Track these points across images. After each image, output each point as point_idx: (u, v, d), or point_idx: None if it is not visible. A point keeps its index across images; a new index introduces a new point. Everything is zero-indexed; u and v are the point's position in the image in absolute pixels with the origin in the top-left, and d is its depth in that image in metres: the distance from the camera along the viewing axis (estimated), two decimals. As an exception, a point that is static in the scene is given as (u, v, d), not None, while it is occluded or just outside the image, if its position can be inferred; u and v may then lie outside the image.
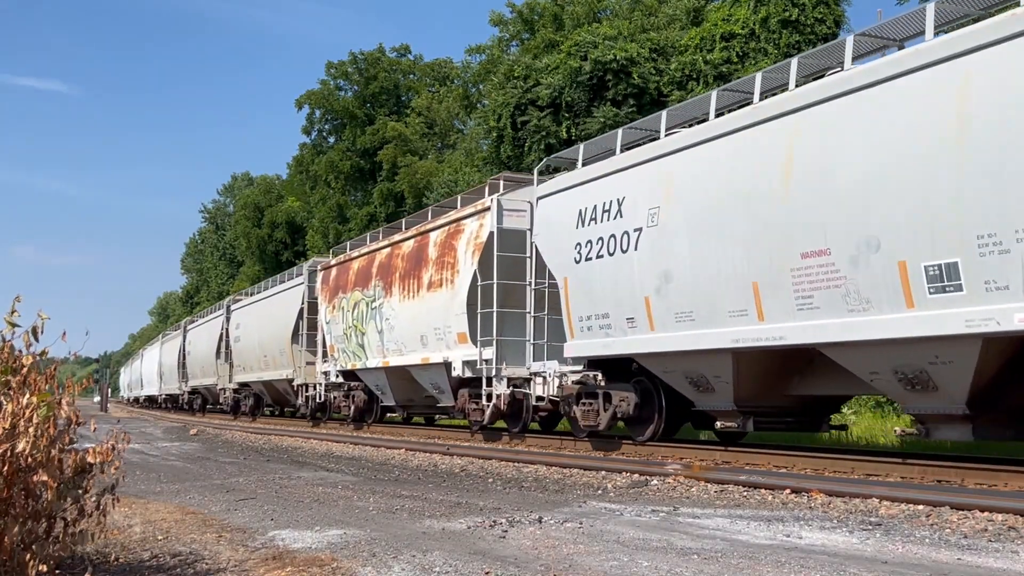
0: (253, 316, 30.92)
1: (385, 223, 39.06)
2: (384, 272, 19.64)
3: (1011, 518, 6.64)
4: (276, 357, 27.41)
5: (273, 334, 27.74)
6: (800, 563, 5.17)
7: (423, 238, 18.19)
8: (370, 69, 54.53)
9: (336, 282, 22.64)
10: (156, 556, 5.92)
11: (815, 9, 25.10)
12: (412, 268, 18.25)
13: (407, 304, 18.32)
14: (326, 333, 23.03)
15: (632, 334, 12.13)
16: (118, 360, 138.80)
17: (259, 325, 29.63)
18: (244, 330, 31.70)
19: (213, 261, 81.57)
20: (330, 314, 22.66)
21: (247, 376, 31.46)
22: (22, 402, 4.31)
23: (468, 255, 16.19)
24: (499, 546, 5.87)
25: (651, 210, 11.69)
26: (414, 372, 18.56)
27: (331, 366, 22.67)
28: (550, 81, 27.80)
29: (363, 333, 20.47)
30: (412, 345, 18.17)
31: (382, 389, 20.55)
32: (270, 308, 28.99)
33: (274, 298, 28.77)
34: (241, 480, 11.08)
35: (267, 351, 28.40)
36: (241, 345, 31.88)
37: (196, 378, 40.59)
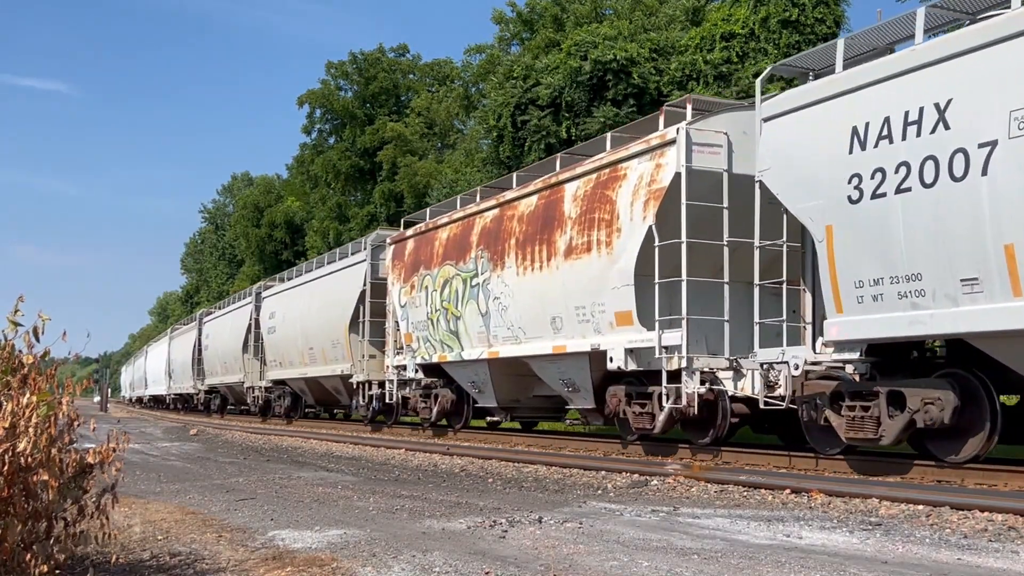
0: (295, 303, 26.50)
1: (386, 223, 39.08)
2: (490, 240, 15.73)
3: (1011, 518, 6.64)
4: (327, 350, 23.51)
5: (325, 323, 23.60)
6: (800, 563, 5.17)
7: (553, 193, 14.20)
8: (370, 69, 54.50)
9: (415, 256, 18.76)
10: (156, 556, 5.92)
11: (815, 9, 25.07)
12: (537, 232, 14.36)
13: (528, 278, 14.50)
14: (399, 319, 19.14)
15: (971, 303, 8.43)
16: (118, 360, 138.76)
17: (304, 313, 25.46)
18: (281, 319, 27.50)
19: (213, 261, 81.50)
20: (406, 296, 18.84)
21: (284, 372, 27.39)
22: (22, 402, 4.32)
23: (637, 207, 12.26)
24: (499, 546, 5.87)
25: (1016, 112, 8.11)
26: (537, 365, 14.85)
27: (408, 359, 18.87)
28: (550, 81, 27.79)
29: (457, 317, 16.72)
30: (536, 330, 14.42)
31: (480, 386, 16.67)
32: (321, 292, 24.57)
33: (326, 279, 24.34)
34: (241, 480, 11.08)
35: (314, 343, 24.37)
36: (277, 337, 27.70)
37: (215, 375, 36.72)
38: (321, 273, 24.96)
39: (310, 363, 24.91)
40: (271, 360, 28.46)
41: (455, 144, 45.05)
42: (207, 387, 38.75)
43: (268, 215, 60.30)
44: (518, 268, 14.87)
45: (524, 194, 15.16)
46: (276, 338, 27.77)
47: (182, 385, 43.97)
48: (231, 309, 35.02)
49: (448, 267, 17.22)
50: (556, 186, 14.23)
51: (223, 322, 35.73)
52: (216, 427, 27.96)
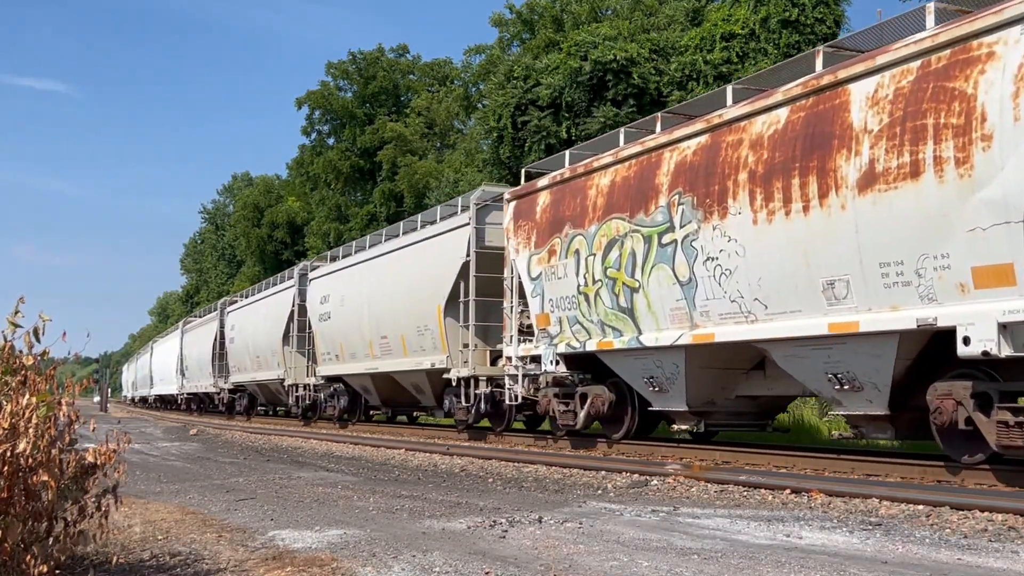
0: (360, 283, 21.82)
1: (386, 223, 39.04)
2: (697, 178, 11.35)
3: (1011, 518, 6.64)
4: (410, 338, 19.02)
5: (408, 305, 18.95)
6: (800, 563, 5.17)
7: (824, 100, 9.90)
8: (369, 69, 54.56)
9: (554, 213, 14.34)
10: (156, 556, 5.92)
11: (815, 9, 25.10)
12: (793, 159, 9.99)
13: (777, 228, 10.14)
14: (529, 296, 14.81)
15: None
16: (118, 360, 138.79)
17: (373, 295, 20.87)
18: (338, 304, 22.77)
19: (213, 261, 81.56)
20: (540, 264, 14.52)
21: (342, 367, 22.96)
22: (22, 402, 4.32)
23: None
24: (499, 546, 5.87)
25: None
26: (781, 352, 10.51)
27: (543, 347, 14.43)
28: (550, 81, 27.81)
29: (633, 289, 12.47)
30: (789, 301, 10.13)
31: (662, 383, 12.41)
32: (401, 268, 19.63)
33: (409, 252, 19.57)
34: (241, 480, 11.09)
35: (389, 330, 19.84)
36: (332, 325, 23.18)
37: (243, 372, 32.12)
38: (400, 244, 20.08)
39: (381, 355, 20.32)
40: (324, 353, 23.85)
41: (455, 144, 45.07)
42: (232, 385, 34.25)
43: (268, 215, 60.35)
44: (755, 214, 10.41)
45: (762, 108, 10.67)
46: (331, 326, 23.10)
47: (199, 383, 39.77)
48: (265, 295, 30.33)
49: (616, 222, 12.84)
50: (830, 89, 9.85)
51: (254, 311, 31.02)
52: (216, 427, 27.94)
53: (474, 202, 17.17)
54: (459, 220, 17.68)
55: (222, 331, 35.25)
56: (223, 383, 35.11)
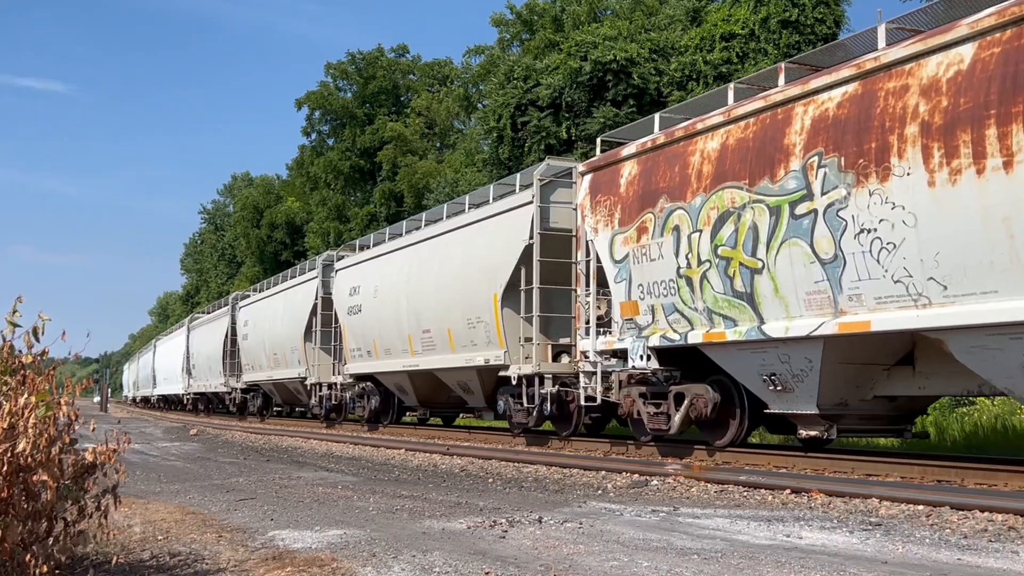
0: (395, 271, 19.68)
1: (386, 223, 39.07)
2: (846, 135, 9.45)
3: (1011, 518, 6.64)
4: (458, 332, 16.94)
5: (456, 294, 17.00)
6: (800, 563, 5.17)
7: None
8: (369, 69, 54.60)
9: (644, 185, 12.30)
10: (156, 556, 5.92)
11: (815, 9, 25.11)
12: (986, 106, 8.13)
13: (963, 190, 8.28)
14: (613, 281, 12.81)
15: None
16: (118, 360, 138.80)
17: (410, 285, 18.75)
18: (371, 295, 20.71)
19: (213, 261, 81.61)
20: (626, 245, 12.54)
21: (374, 365, 20.66)
22: (21, 402, 4.32)
23: None
24: (499, 546, 5.87)
25: None
26: (973, 344, 8.53)
27: (630, 340, 12.42)
28: (550, 82, 27.82)
29: (753, 270, 10.56)
30: (978, 281, 8.25)
31: (786, 381, 10.50)
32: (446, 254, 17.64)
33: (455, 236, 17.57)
34: (241, 480, 11.08)
35: (433, 323, 17.83)
36: (363, 319, 20.96)
37: (258, 370, 30.14)
38: (447, 228, 17.97)
39: (423, 351, 18.45)
40: (353, 349, 21.75)
41: (455, 144, 45.10)
42: (245, 384, 32.21)
43: (268, 215, 60.39)
44: (932, 174, 8.62)
45: (936, 46, 8.71)
46: (362, 320, 21.13)
47: (207, 382, 37.63)
48: (283, 288, 28.24)
49: (731, 192, 10.94)
50: None
51: (271, 306, 29.06)
52: (216, 427, 27.94)
53: (538, 177, 14.96)
54: (521, 198, 15.49)
55: (234, 327, 33.29)
56: (235, 382, 33.15)
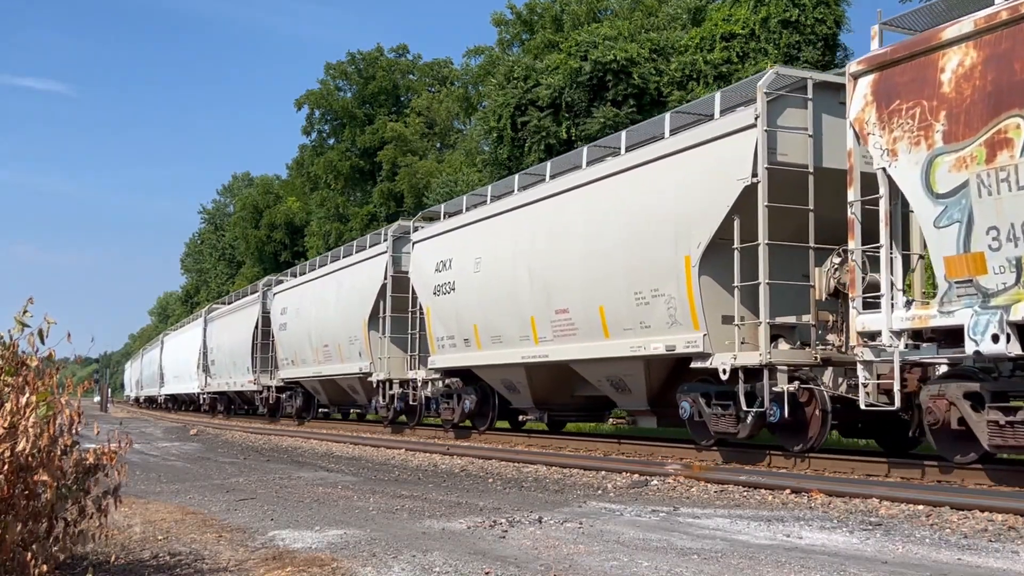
0: (512, 235, 15.58)
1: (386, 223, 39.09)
2: None
3: (1011, 518, 6.64)
4: (619, 314, 12.81)
5: (628, 260, 12.66)
6: (800, 563, 5.17)
7: None
8: (369, 69, 54.62)
9: (988, 81, 8.49)
10: (156, 556, 5.92)
11: (815, 9, 25.10)
12: None
13: None
14: (930, 226, 8.91)
15: None
16: (118, 360, 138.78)
17: (551, 255, 14.35)
18: (472, 267, 16.70)
19: (213, 261, 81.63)
20: (956, 171, 8.68)
21: (472, 356, 16.86)
22: (22, 402, 4.32)
23: None
24: (499, 546, 5.87)
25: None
26: None
27: (959, 311, 8.55)
28: (550, 82, 27.82)
29: None
30: None
31: None
32: (614, 201, 13.11)
33: (619, 181, 13.11)
34: (241, 480, 11.09)
35: (578, 302, 13.66)
36: (459, 302, 17.02)
37: (303, 365, 25.64)
38: (596, 175, 13.54)
39: (555, 338, 14.19)
40: (443, 338, 17.75)
41: (455, 144, 45.12)
42: (281, 382, 28.03)
43: (268, 216, 60.41)
44: None
45: None
46: (456, 302, 17.07)
47: (231, 380, 33.59)
48: (339, 267, 23.82)
49: None
50: None
51: (319, 289, 24.79)
52: (216, 427, 27.93)
53: (764, 90, 10.49)
54: (736, 121, 11.20)
55: (266, 316, 29.16)
56: (268, 379, 29.00)
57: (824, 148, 10.81)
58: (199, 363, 38.67)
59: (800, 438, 10.75)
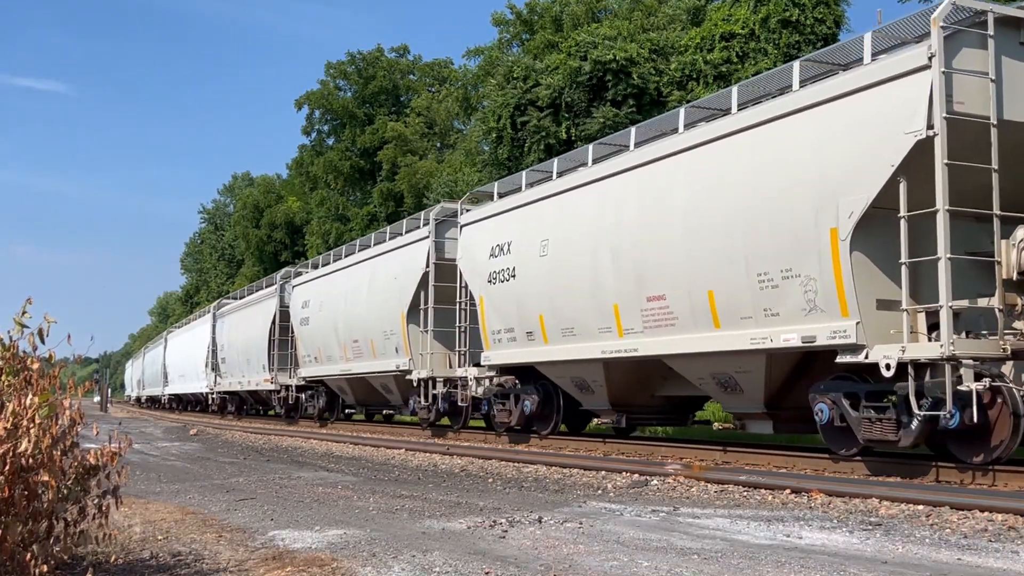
0: (621, 196, 13.01)
1: (386, 223, 39.11)
2: None
3: (1011, 518, 6.64)
4: (772, 298, 10.36)
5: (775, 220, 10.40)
6: (800, 563, 5.17)
7: None
8: (368, 69, 54.64)
9: None
10: (156, 556, 5.93)
11: (815, 9, 25.09)
12: None
13: None
14: None
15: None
16: (118, 360, 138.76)
17: (682, 221, 11.73)
18: (557, 249, 14.20)
19: (213, 261, 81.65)
20: None
21: (560, 349, 14.13)
22: (24, 402, 4.33)
23: None
24: (499, 546, 5.87)
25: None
26: None
27: None
28: (550, 82, 27.82)
29: None
30: None
31: None
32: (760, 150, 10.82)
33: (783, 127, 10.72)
34: (241, 480, 11.09)
35: (723, 278, 11.03)
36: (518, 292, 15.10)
37: (329, 362, 23.51)
38: (706, 136, 11.45)
39: (656, 326, 12.00)
40: (498, 331, 15.58)
41: (455, 144, 45.12)
42: (302, 380, 26.22)
43: (268, 215, 60.43)
44: None
45: None
46: (516, 291, 15.03)
47: (244, 379, 31.67)
48: (372, 255, 21.63)
49: None
50: None
51: (348, 280, 22.66)
52: (216, 427, 27.93)
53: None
54: None
55: (284, 311, 27.52)
56: (287, 378, 27.36)
57: (1006, 97, 9.05)
58: (208, 361, 36.82)
59: (981, 447, 8.98)
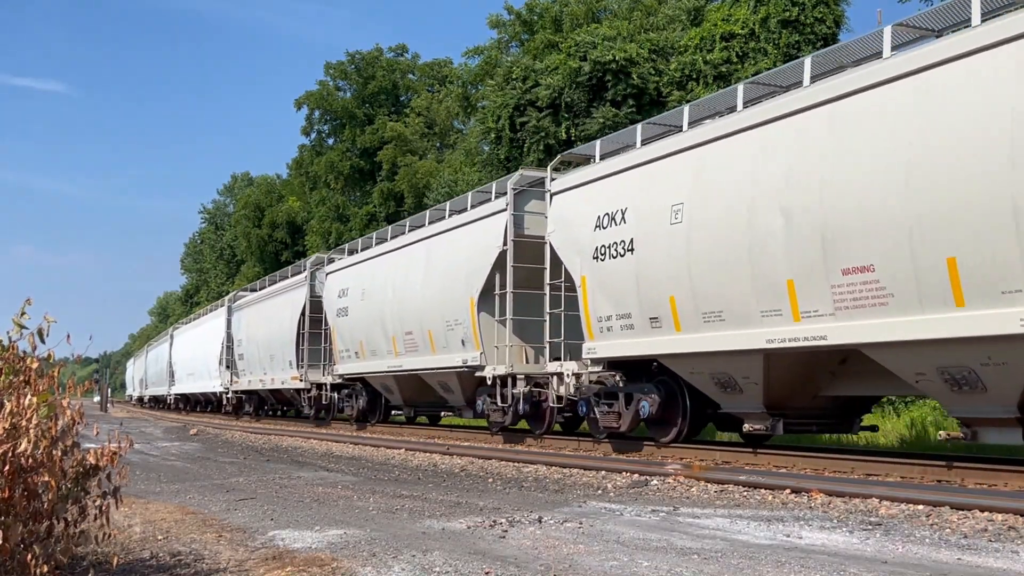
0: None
1: (386, 222, 39.11)
2: None
3: (1011, 518, 6.64)
4: None
5: None
6: (800, 563, 5.18)
7: None
8: (368, 69, 54.65)
9: None
10: (156, 556, 5.93)
11: (815, 9, 25.09)
12: None
13: None
14: None
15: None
16: (118, 360, 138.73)
17: None
18: (701, 213, 11.40)
19: (213, 261, 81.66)
20: None
21: (703, 338, 11.29)
22: (23, 402, 4.32)
23: None
24: (499, 546, 5.87)
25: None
26: None
27: None
28: (549, 82, 27.82)
29: None
30: None
31: None
32: None
33: None
34: (241, 480, 11.09)
35: None
36: (643, 267, 12.21)
37: (374, 357, 20.52)
38: (937, 57, 8.44)
39: (854, 307, 9.36)
40: (605, 318, 12.85)
41: (455, 144, 45.13)
42: (338, 378, 23.27)
43: (269, 215, 60.45)
44: None
45: None
46: (636, 267, 12.28)
47: (265, 377, 29.03)
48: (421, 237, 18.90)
49: None
50: None
51: (387, 266, 20.18)
52: (216, 427, 27.94)
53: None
54: None
55: (315, 301, 24.83)
56: (319, 375, 24.58)
57: None
58: (222, 358, 33.95)
59: None
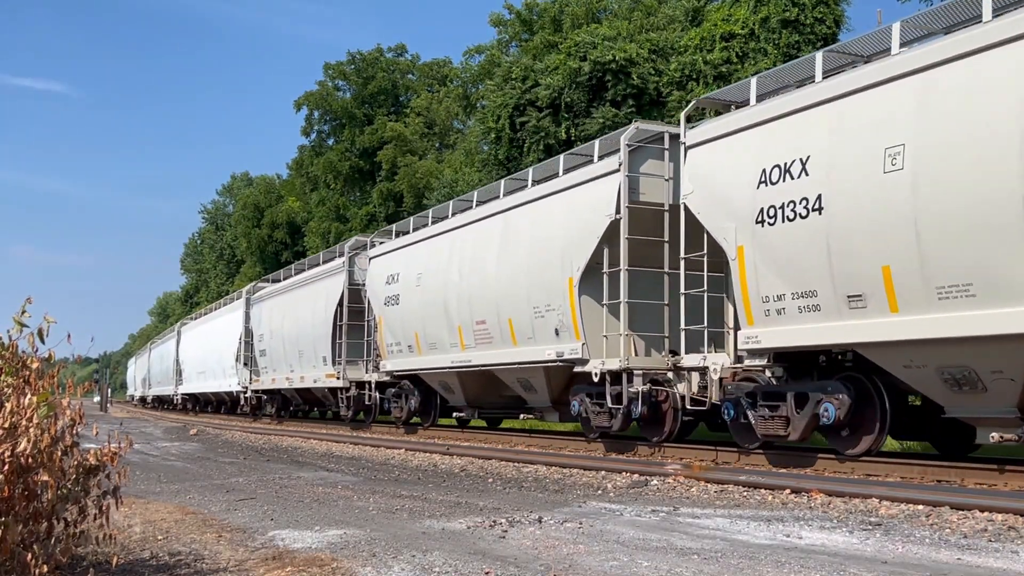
0: None
1: (386, 223, 39.10)
2: None
3: (1011, 518, 6.64)
4: None
5: None
6: (800, 563, 5.17)
7: None
8: (368, 69, 54.64)
9: None
10: (156, 556, 5.93)
11: (815, 9, 25.08)
12: None
13: None
14: None
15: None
16: (118, 360, 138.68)
17: None
18: None
19: (212, 261, 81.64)
20: None
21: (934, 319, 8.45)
22: (23, 402, 4.32)
23: None
24: (499, 546, 5.87)
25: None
26: None
27: None
28: (549, 82, 27.80)
29: None
30: None
31: None
32: None
33: None
34: (241, 480, 11.09)
35: None
36: (829, 232, 9.33)
37: (430, 352, 17.87)
38: None
39: None
40: (775, 296, 10.07)
41: (455, 144, 45.13)
42: (386, 376, 20.46)
43: (268, 215, 60.44)
44: None
45: None
46: (825, 231, 9.38)
47: (293, 375, 26.07)
48: (495, 211, 16.03)
49: None
50: None
51: (448, 245, 17.61)
52: (216, 427, 27.94)
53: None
54: None
55: (355, 290, 22.11)
56: (360, 372, 21.89)
57: None
58: (239, 355, 31.50)
59: None
